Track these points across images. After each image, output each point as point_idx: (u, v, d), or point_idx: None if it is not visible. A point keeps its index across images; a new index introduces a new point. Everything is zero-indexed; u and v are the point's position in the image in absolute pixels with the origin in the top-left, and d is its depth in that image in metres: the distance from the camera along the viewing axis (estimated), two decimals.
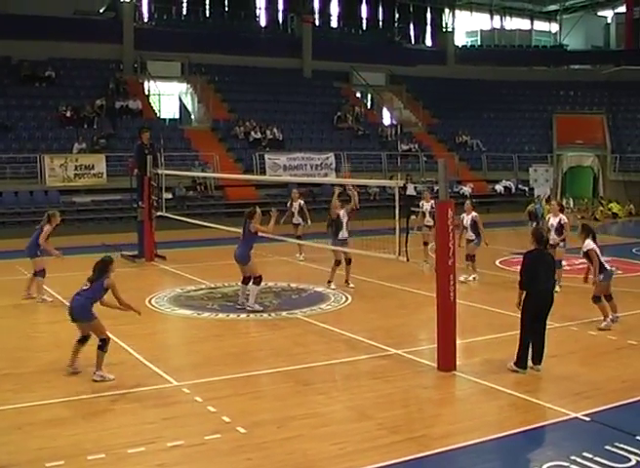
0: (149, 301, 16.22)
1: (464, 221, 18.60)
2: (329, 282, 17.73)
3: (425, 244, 20.40)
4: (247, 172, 33.84)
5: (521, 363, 10.88)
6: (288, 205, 22.48)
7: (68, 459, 7.94)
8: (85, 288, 10.75)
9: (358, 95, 47.69)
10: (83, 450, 8.14)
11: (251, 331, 14.11)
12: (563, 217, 17.25)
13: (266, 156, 35.51)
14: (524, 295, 10.95)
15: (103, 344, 10.62)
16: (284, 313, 15.11)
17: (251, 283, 15.34)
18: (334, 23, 50.28)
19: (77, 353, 10.85)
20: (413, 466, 7.87)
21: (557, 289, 18.10)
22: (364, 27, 51.04)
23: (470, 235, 18.62)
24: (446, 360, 11.04)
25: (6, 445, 8.35)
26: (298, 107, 41.80)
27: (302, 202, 22.58)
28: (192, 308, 15.51)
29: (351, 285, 17.75)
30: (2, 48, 35.58)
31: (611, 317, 13.69)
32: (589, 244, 13.53)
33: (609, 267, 13.95)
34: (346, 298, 16.54)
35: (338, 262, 17.67)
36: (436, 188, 16.03)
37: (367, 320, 14.69)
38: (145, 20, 43.23)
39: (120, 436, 8.58)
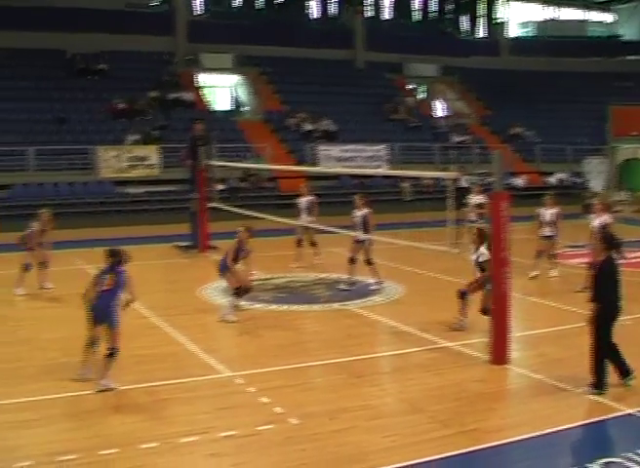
0: (202, 292, 16.35)
1: (542, 216, 17.59)
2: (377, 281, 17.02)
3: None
4: (300, 163, 33.82)
5: (601, 385, 9.64)
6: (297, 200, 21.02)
7: (122, 447, 8.06)
8: (105, 289, 10.00)
9: (410, 86, 47.45)
10: (136, 439, 8.26)
11: (303, 322, 14.14)
12: (606, 218, 15.86)
13: (319, 148, 35.56)
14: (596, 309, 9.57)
15: (114, 353, 9.91)
16: (336, 305, 15.13)
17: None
18: (385, 15, 50.05)
19: (90, 357, 10.31)
20: (464, 460, 7.85)
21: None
22: (416, 19, 50.73)
23: (550, 231, 17.53)
24: (499, 353, 10.97)
25: (61, 432, 8.49)
26: (350, 99, 41.60)
27: (312, 197, 20.74)
28: (244, 299, 15.57)
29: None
30: (56, 41, 36.13)
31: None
32: (484, 252, 12.29)
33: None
34: (399, 291, 16.50)
35: (349, 259, 16.94)
36: (488, 180, 15.58)
37: (419, 312, 14.66)
38: (198, 13, 43.45)
39: (173, 425, 8.69)
